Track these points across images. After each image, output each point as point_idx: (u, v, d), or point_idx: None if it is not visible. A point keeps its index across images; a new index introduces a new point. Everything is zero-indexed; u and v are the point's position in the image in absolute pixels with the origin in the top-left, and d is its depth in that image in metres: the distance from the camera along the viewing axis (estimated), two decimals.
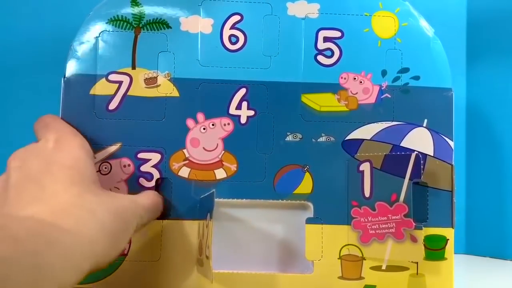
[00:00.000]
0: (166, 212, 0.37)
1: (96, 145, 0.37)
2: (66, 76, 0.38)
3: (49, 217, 0.26)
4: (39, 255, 0.23)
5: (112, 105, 0.38)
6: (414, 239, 0.36)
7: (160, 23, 0.39)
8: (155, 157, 0.38)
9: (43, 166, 0.31)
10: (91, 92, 0.38)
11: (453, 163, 0.38)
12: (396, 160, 0.37)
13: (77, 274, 0.25)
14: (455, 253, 0.38)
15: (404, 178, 0.37)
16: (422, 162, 0.37)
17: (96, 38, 0.38)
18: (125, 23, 0.38)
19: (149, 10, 0.39)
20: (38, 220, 0.26)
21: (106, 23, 0.38)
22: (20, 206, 0.28)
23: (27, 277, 0.22)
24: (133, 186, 0.38)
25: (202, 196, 0.37)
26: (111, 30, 0.38)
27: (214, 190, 0.34)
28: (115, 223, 0.30)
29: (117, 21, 0.38)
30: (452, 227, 0.37)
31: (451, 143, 0.38)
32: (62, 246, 0.24)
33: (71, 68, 0.38)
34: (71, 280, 0.25)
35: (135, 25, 0.38)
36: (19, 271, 0.21)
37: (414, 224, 0.36)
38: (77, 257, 0.25)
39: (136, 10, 0.38)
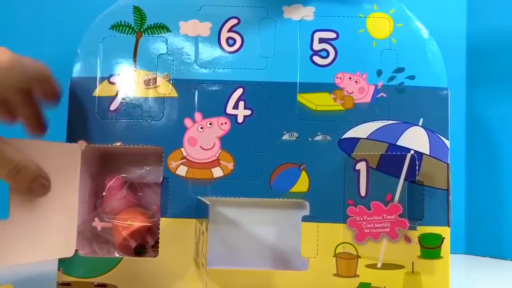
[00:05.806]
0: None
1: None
2: (72, 79, 0.39)
3: None
4: None
5: (113, 106, 0.39)
6: (408, 240, 0.37)
7: (160, 27, 0.40)
8: None
9: None
10: (94, 94, 0.39)
11: (449, 162, 0.38)
12: (392, 160, 0.37)
13: None
14: (454, 253, 0.37)
15: (399, 178, 0.37)
16: (418, 161, 0.37)
17: (100, 43, 0.40)
18: (127, 29, 0.40)
19: (151, 16, 0.40)
20: None
21: (109, 29, 0.40)
22: None
23: None
24: None
25: (200, 197, 0.38)
26: (114, 35, 0.40)
27: (209, 204, 0.33)
28: None
29: (120, 27, 0.40)
30: (448, 226, 0.37)
31: (447, 142, 0.38)
32: None
33: (77, 71, 0.39)
34: None
35: (136, 30, 0.40)
36: None
37: (408, 224, 0.36)
38: None
39: (138, 16, 0.40)
